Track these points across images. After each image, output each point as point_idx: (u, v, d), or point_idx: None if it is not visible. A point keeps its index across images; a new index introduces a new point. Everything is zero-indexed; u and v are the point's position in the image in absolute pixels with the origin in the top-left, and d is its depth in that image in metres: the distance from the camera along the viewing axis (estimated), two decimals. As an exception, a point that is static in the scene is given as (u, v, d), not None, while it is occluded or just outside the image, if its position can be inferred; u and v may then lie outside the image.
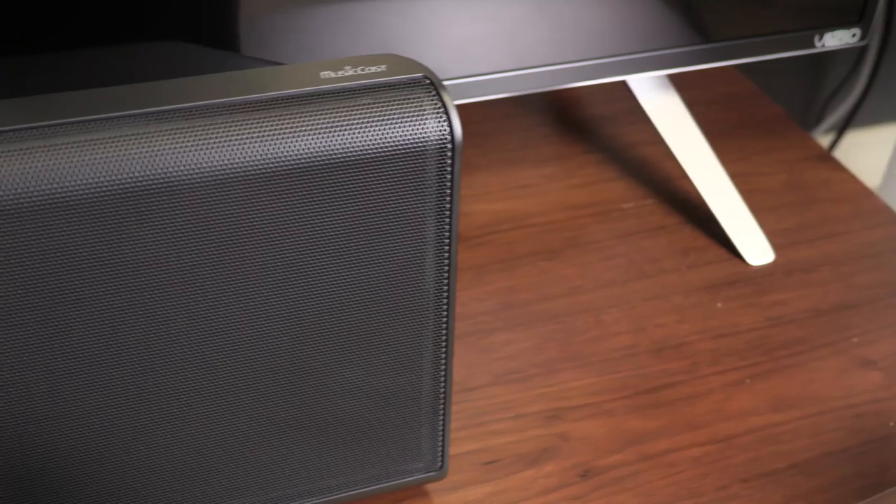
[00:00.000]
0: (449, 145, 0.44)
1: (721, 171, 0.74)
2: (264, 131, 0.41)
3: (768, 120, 0.87)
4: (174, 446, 0.48)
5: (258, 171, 0.41)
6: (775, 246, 0.73)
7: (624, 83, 0.75)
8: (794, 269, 0.72)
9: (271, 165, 0.42)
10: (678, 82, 0.76)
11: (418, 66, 0.44)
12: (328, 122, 0.42)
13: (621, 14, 0.70)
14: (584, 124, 0.85)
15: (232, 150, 0.41)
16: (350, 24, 0.61)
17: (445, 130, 0.43)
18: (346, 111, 0.42)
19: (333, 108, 0.42)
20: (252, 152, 0.41)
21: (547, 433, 0.60)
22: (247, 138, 0.41)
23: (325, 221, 0.44)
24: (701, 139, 0.75)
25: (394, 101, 0.43)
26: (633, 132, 0.84)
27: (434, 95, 0.44)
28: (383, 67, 0.44)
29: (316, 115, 0.42)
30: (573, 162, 0.81)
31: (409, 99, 0.43)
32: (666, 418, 0.61)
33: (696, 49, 0.73)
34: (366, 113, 0.43)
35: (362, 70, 0.43)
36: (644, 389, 0.63)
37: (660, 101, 0.75)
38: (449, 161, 0.44)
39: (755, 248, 0.73)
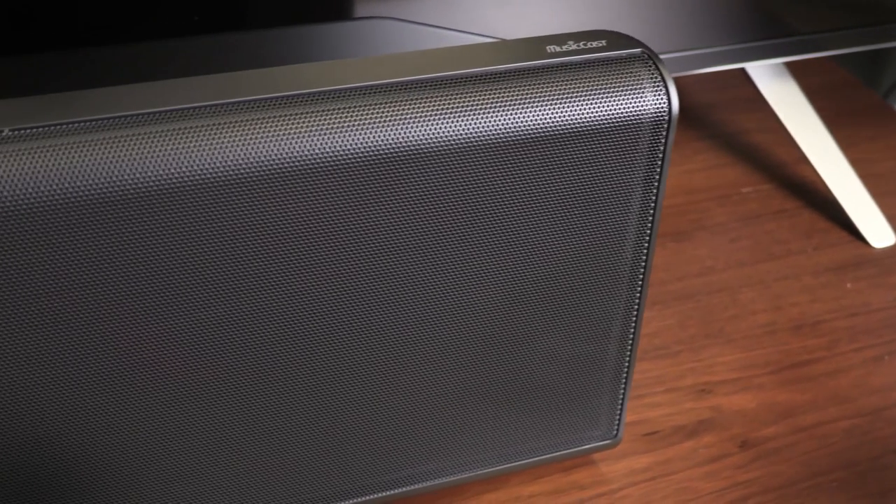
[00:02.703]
0: (665, 118, 0.45)
1: (841, 155, 0.76)
2: (497, 102, 0.43)
3: (870, 108, 0.89)
4: (373, 411, 0.49)
5: (489, 142, 0.43)
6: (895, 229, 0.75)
7: (732, 71, 0.77)
8: (915, 251, 0.74)
9: (503, 136, 0.43)
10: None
11: (636, 42, 0.46)
12: (557, 95, 0.44)
13: (740, 2, 0.72)
14: (693, 112, 0.87)
15: (469, 121, 0.42)
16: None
17: (663, 103, 0.45)
18: (573, 84, 0.44)
19: (561, 81, 0.44)
20: (485, 123, 0.43)
21: (700, 406, 0.62)
22: (481, 109, 0.43)
23: (538, 192, 0.45)
24: (820, 125, 0.76)
25: (615, 74, 0.45)
26: (742, 119, 0.85)
27: (653, 69, 0.45)
28: (603, 42, 0.45)
29: (546, 87, 0.44)
30: (688, 148, 0.83)
31: (629, 73, 0.45)
32: (813, 392, 0.63)
33: (814, 37, 0.75)
34: (591, 86, 0.44)
35: (584, 45, 0.45)
36: (788, 365, 0.65)
37: (779, 88, 0.77)
38: (664, 134, 0.46)
39: (878, 230, 0.75)
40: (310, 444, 0.49)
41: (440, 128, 0.42)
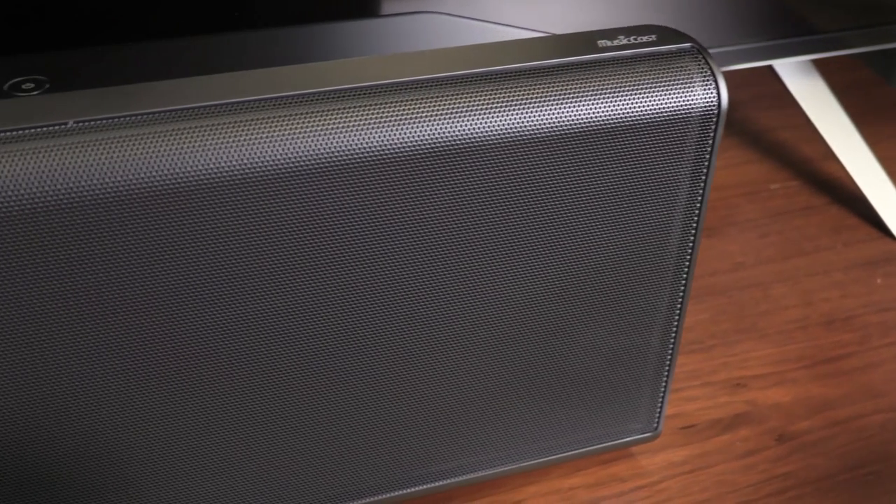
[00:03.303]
0: (715, 111, 0.46)
1: (869, 152, 0.77)
2: (549, 96, 0.43)
3: (894, 106, 0.89)
4: (418, 405, 0.49)
5: (540, 136, 0.43)
6: (922, 225, 0.76)
7: (756, 69, 0.77)
8: (943, 247, 0.75)
9: (555, 130, 0.43)
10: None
11: (685, 36, 0.46)
12: (609, 88, 0.44)
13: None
14: (718, 109, 0.87)
15: (521, 114, 0.43)
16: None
17: (713, 97, 0.46)
18: (625, 78, 0.44)
19: (613, 75, 0.44)
20: (538, 117, 0.43)
21: (735, 400, 0.62)
22: (534, 103, 0.43)
23: (587, 185, 0.46)
24: (847, 122, 0.77)
25: (666, 68, 0.45)
26: (766, 117, 0.86)
27: (703, 63, 0.46)
28: (653, 37, 0.46)
29: (598, 81, 0.44)
30: (714, 144, 0.83)
31: (679, 67, 0.45)
32: (846, 387, 0.63)
33: (840, 35, 0.76)
34: (642, 80, 0.45)
35: (634, 39, 0.46)
36: (821, 359, 0.65)
37: (806, 85, 0.77)
38: (713, 127, 0.46)
39: (906, 226, 0.75)
40: (352, 436, 0.49)
41: (493, 121, 0.42)
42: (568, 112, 0.43)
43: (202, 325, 0.42)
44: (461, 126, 0.42)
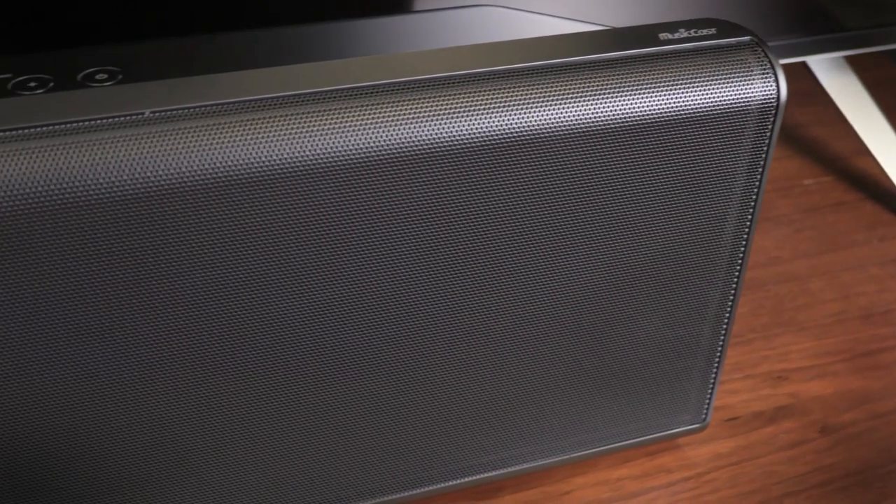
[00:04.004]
0: (774, 104, 0.46)
1: (902, 148, 0.77)
2: (614, 89, 0.44)
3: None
4: (471, 396, 0.50)
5: (604, 128, 0.44)
6: (956, 221, 0.76)
7: (785, 66, 0.78)
8: (976, 242, 0.75)
9: (617, 122, 0.44)
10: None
11: (744, 29, 0.47)
12: (671, 81, 0.45)
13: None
14: (748, 105, 0.88)
15: (585, 107, 0.43)
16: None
17: (772, 90, 0.46)
18: (686, 70, 0.45)
19: (675, 68, 0.45)
20: (601, 109, 0.44)
21: (778, 393, 0.63)
22: (598, 95, 0.44)
23: (645, 177, 0.46)
24: (881, 117, 0.77)
25: (726, 61, 0.46)
26: (797, 114, 0.86)
27: (762, 56, 0.46)
28: (713, 30, 0.46)
29: (660, 74, 0.44)
30: (746, 140, 0.83)
31: (739, 60, 0.46)
32: (887, 379, 0.64)
33: (872, 32, 0.76)
34: (703, 72, 0.45)
35: (695, 32, 0.46)
36: (860, 353, 0.65)
37: (840, 81, 0.78)
38: (771, 120, 0.47)
39: (940, 222, 0.76)
40: (406, 428, 0.50)
41: (556, 113, 0.43)
42: (631, 104, 0.44)
43: (248, 317, 0.43)
44: (523, 119, 0.42)
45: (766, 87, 0.46)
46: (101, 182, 0.38)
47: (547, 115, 0.43)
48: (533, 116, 0.43)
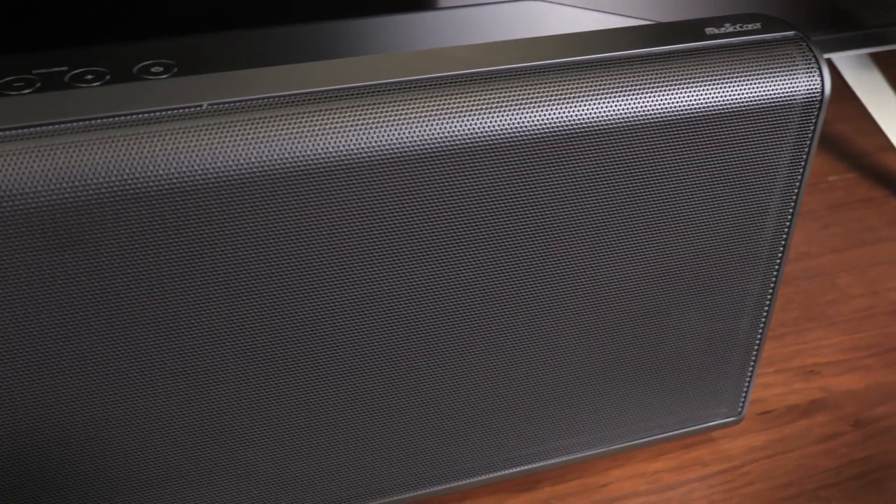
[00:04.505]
0: (818, 99, 0.47)
1: (927, 145, 0.78)
2: (662, 82, 0.44)
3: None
4: (512, 389, 0.50)
5: (651, 121, 0.44)
6: (981, 217, 0.77)
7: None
8: None
9: (665, 115, 0.44)
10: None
11: (788, 24, 0.47)
12: (718, 75, 0.45)
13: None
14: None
15: (635, 100, 0.44)
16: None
17: (816, 85, 0.46)
18: (733, 65, 0.45)
19: (722, 62, 0.45)
20: (651, 103, 0.44)
21: (810, 386, 0.63)
22: (648, 89, 0.44)
23: (688, 170, 0.47)
24: (906, 114, 0.78)
25: (771, 56, 0.46)
26: (820, 110, 0.87)
27: (807, 51, 0.46)
28: (758, 25, 0.47)
29: (708, 68, 0.45)
30: (770, 137, 0.84)
31: (784, 55, 0.46)
32: (918, 374, 0.64)
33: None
34: (749, 67, 0.45)
35: (740, 27, 0.46)
36: (891, 347, 0.66)
37: (865, 78, 0.78)
38: (815, 114, 0.47)
39: (966, 218, 0.76)
40: (447, 421, 0.50)
41: (606, 107, 0.43)
42: (679, 98, 0.44)
43: (293, 311, 0.43)
44: (573, 112, 0.43)
45: (811, 81, 0.46)
46: (161, 173, 0.38)
47: (596, 108, 0.43)
48: (583, 110, 0.43)
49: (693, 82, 0.44)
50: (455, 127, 0.41)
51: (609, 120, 0.43)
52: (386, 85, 0.41)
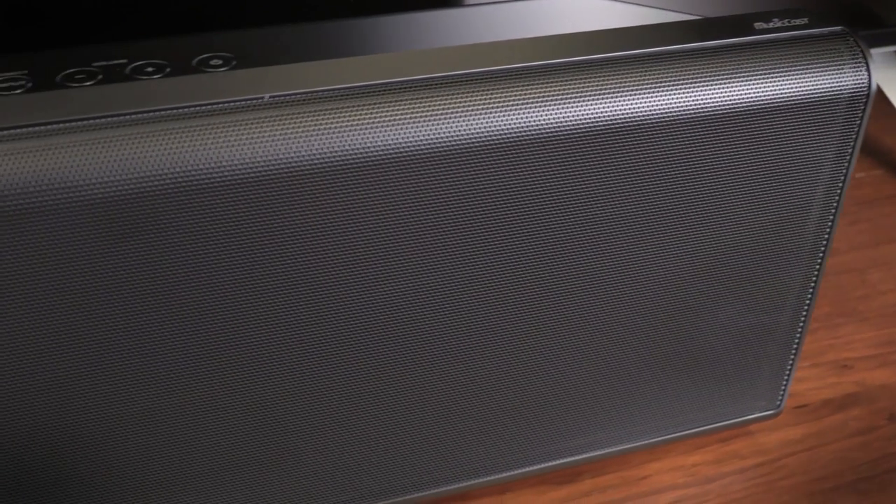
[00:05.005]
0: (864, 93, 0.47)
1: (954, 142, 0.78)
2: (711, 77, 0.45)
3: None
4: (548, 381, 0.51)
5: (700, 116, 0.45)
6: None
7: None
8: None
9: (713, 110, 0.45)
10: None
11: (834, 18, 0.47)
12: (767, 70, 0.45)
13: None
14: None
15: (684, 95, 0.44)
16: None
17: (863, 79, 0.47)
18: (781, 59, 0.46)
19: (770, 57, 0.46)
20: (700, 97, 0.44)
21: (844, 381, 0.63)
22: (696, 84, 0.44)
23: (734, 165, 0.47)
24: (933, 112, 0.78)
25: (819, 51, 0.46)
26: (845, 107, 0.87)
27: (853, 46, 0.47)
28: (805, 20, 0.47)
29: (757, 63, 0.45)
30: (796, 134, 0.84)
31: (831, 50, 0.46)
32: (951, 369, 0.65)
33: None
34: (797, 61, 0.46)
35: (788, 22, 0.47)
36: (923, 342, 0.66)
37: (892, 75, 0.79)
38: (861, 109, 0.47)
39: None
40: (489, 414, 0.50)
41: (657, 101, 0.44)
42: (729, 93, 0.45)
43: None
44: (627, 106, 0.43)
45: (858, 76, 0.47)
46: (225, 164, 0.39)
47: (649, 102, 0.44)
48: (636, 104, 0.43)
49: (742, 77, 0.45)
50: (525, 118, 0.42)
51: (661, 114, 0.44)
52: (449, 77, 0.42)
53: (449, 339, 0.47)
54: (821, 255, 0.52)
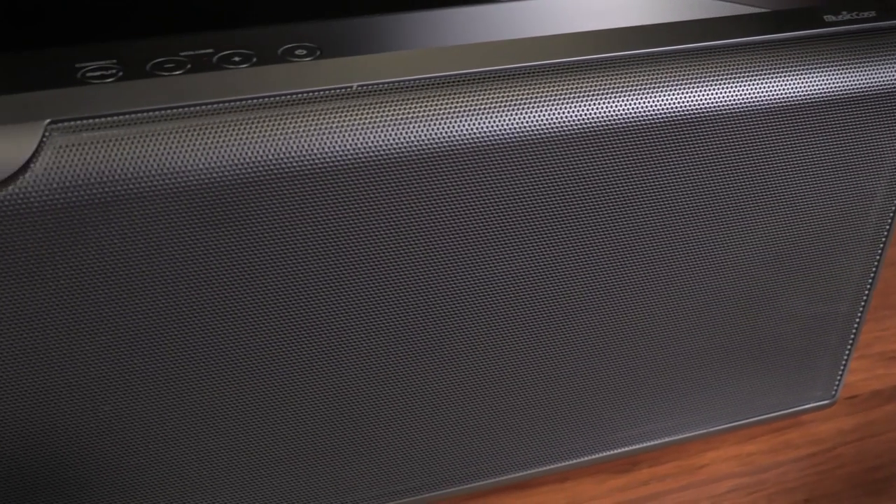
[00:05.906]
0: (930, 85, 0.48)
1: None
2: (784, 69, 0.45)
3: None
4: (612, 370, 0.51)
5: (777, 106, 0.45)
6: None
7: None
8: None
9: (783, 101, 0.45)
10: None
11: (901, 11, 0.48)
12: (836, 62, 0.46)
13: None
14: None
15: (757, 85, 0.45)
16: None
17: (929, 71, 0.47)
18: (851, 52, 0.46)
19: (840, 49, 0.46)
20: (773, 88, 0.45)
21: (892, 372, 0.64)
22: (772, 74, 0.45)
23: (800, 156, 0.48)
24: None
25: (887, 43, 0.47)
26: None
27: (921, 39, 0.47)
28: (873, 13, 0.48)
29: (827, 54, 0.46)
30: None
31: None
32: None
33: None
34: (865, 54, 0.46)
35: (856, 14, 0.47)
36: (968, 335, 0.67)
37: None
38: (926, 101, 0.48)
39: None
40: (550, 404, 0.51)
41: (738, 91, 0.44)
42: (801, 84, 0.45)
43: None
44: (704, 96, 0.44)
45: (924, 68, 0.47)
46: (315, 152, 0.39)
47: (728, 92, 0.44)
48: (702, 96, 0.44)
49: (816, 69, 0.45)
50: (598, 109, 0.42)
51: (738, 105, 0.44)
52: (540, 66, 0.42)
53: (520, 329, 0.47)
54: (881, 245, 0.52)
